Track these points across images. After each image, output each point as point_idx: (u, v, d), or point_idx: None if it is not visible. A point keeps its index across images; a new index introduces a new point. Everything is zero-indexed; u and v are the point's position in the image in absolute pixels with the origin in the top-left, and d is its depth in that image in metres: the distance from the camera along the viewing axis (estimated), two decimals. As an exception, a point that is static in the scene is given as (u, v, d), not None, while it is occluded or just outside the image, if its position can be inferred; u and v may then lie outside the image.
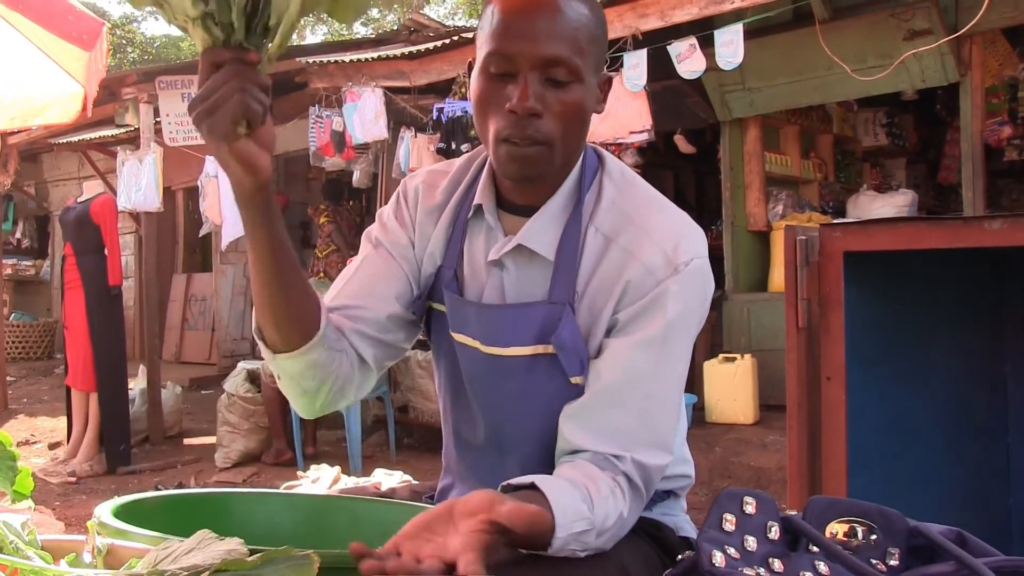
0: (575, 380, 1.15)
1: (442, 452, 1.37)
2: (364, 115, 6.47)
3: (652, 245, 1.14)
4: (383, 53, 6.72)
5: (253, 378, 5.72)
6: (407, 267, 1.27)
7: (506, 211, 1.23)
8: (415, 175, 1.34)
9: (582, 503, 1.02)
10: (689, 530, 1.30)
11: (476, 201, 1.23)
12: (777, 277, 6.23)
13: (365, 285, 1.25)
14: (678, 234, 1.16)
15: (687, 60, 5.14)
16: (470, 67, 1.21)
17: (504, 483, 1.03)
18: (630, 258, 1.14)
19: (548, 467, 1.15)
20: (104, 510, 1.01)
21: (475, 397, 1.24)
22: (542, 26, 1.10)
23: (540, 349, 1.16)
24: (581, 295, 1.16)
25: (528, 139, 1.11)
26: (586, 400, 1.13)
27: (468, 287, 1.24)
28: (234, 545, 0.82)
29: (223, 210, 6.84)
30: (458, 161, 1.32)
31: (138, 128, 6.94)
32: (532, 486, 1.00)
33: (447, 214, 1.27)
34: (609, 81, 1.21)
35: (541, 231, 1.18)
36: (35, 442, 6.61)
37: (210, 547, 0.83)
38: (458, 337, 1.24)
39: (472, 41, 1.13)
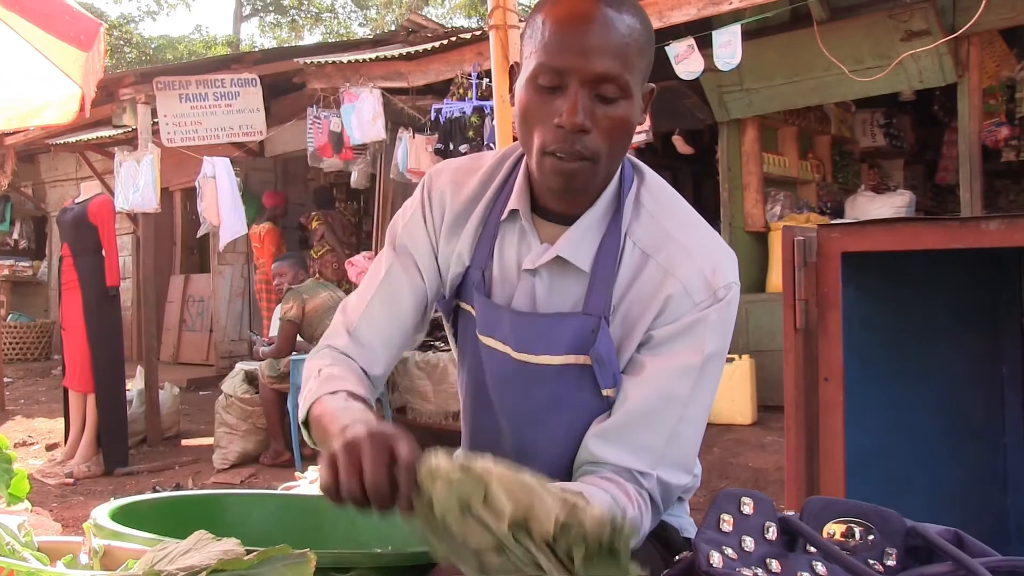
0: (607, 392, 1.15)
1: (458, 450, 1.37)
2: (362, 116, 6.47)
3: (691, 265, 1.15)
4: (381, 54, 6.72)
5: (251, 379, 5.72)
6: (426, 274, 1.28)
7: (541, 217, 1.22)
8: (441, 172, 1.31)
9: (616, 509, 1.04)
10: (692, 532, 1.31)
11: (512, 206, 1.21)
12: (775, 278, 6.23)
13: (383, 322, 1.27)
14: (716, 257, 1.17)
15: (685, 61, 5.14)
16: (512, 72, 1.20)
17: None
18: (668, 276, 1.15)
19: (567, 474, 1.15)
20: (101, 512, 1.01)
21: (500, 400, 1.24)
22: (594, 41, 1.08)
23: (571, 359, 1.16)
24: (616, 308, 1.16)
25: (575, 154, 1.10)
26: (617, 420, 1.13)
27: (497, 290, 1.23)
28: (231, 546, 0.82)
29: (221, 211, 6.83)
30: (488, 158, 1.30)
31: (136, 129, 6.94)
32: None
33: (477, 214, 1.25)
34: (652, 92, 1.19)
35: (579, 243, 1.18)
36: (32, 443, 6.60)
37: (207, 547, 0.83)
38: (486, 340, 1.23)
39: (469, 41, 1.12)
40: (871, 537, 1.02)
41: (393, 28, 11.48)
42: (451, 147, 6.05)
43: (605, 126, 1.10)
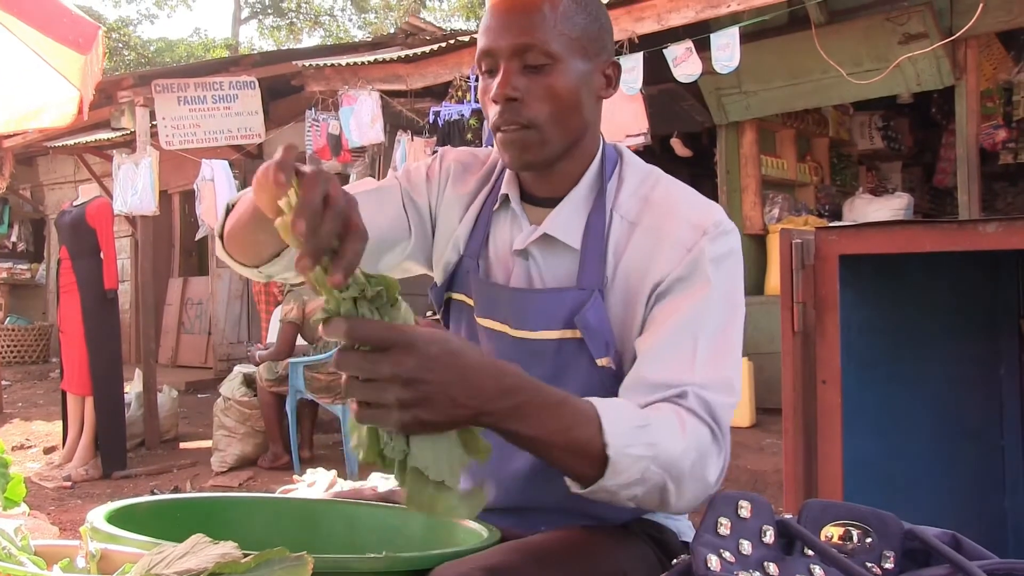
0: (601, 362, 1.17)
1: None
2: (360, 118, 6.48)
3: (675, 219, 1.18)
4: (379, 56, 6.73)
5: (249, 382, 5.71)
6: (412, 218, 1.30)
7: (530, 203, 1.27)
8: (453, 150, 1.37)
9: (630, 407, 1.02)
10: (690, 535, 1.30)
11: (502, 191, 1.27)
12: (774, 280, 6.23)
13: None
14: (699, 206, 1.20)
15: (683, 63, 5.15)
16: None
17: None
18: (657, 234, 1.17)
19: None
20: (97, 515, 1.00)
21: None
22: (515, 18, 1.16)
23: (568, 333, 1.19)
24: (611, 280, 1.18)
25: (512, 123, 1.16)
26: (637, 366, 1.11)
27: (493, 275, 1.27)
28: (228, 549, 0.82)
29: (219, 213, 6.83)
30: (493, 152, 1.35)
31: (134, 131, 6.94)
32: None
33: (475, 204, 1.30)
34: (616, 65, 1.24)
35: (566, 221, 1.22)
36: (30, 446, 6.60)
37: (204, 551, 0.82)
38: (484, 322, 1.26)
39: (468, 44, 1.15)
40: (869, 540, 1.02)
41: (392, 31, 11.49)
42: (449, 150, 6.05)
43: (539, 94, 1.16)
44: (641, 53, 5.22)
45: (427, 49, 6.40)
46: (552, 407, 0.93)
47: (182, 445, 6.44)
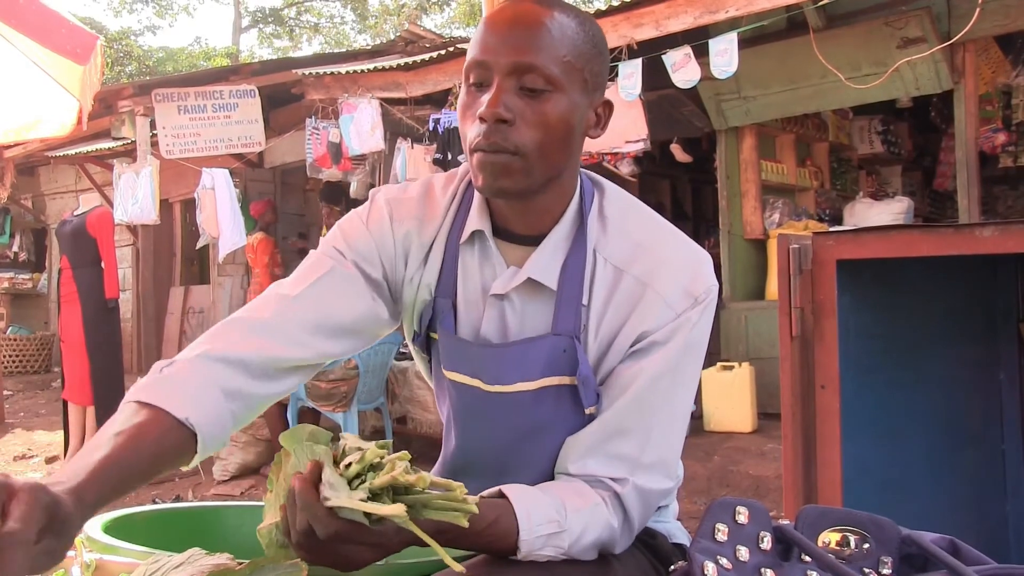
0: (589, 411, 1.13)
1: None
2: (360, 126, 6.49)
3: (669, 276, 1.12)
4: (379, 64, 6.74)
5: (250, 390, 5.70)
6: (373, 286, 1.19)
7: (502, 239, 1.17)
8: (386, 189, 1.24)
9: (551, 509, 1.03)
10: (680, 536, 1.29)
11: (473, 227, 1.16)
12: (773, 285, 6.21)
13: (315, 315, 1.16)
14: (692, 264, 1.14)
15: (682, 69, 5.15)
16: None
17: None
18: (647, 288, 1.11)
19: None
20: (94, 525, 1.00)
21: (475, 430, 1.20)
22: (518, 34, 1.07)
23: (546, 381, 1.13)
24: (596, 327, 1.13)
25: (495, 146, 1.06)
26: (592, 431, 1.11)
27: (462, 319, 1.18)
28: (223, 560, 0.82)
29: (220, 222, 6.85)
30: (437, 181, 1.24)
31: (135, 141, 6.96)
32: (500, 495, 1.03)
33: (440, 241, 1.20)
34: (608, 105, 1.16)
35: (549, 262, 1.14)
36: (32, 456, 6.59)
37: (199, 561, 0.82)
38: (451, 375, 1.19)
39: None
40: (866, 546, 1.02)
41: (391, 38, 11.51)
42: (450, 157, 6.06)
43: (531, 120, 1.06)
44: (640, 59, 5.23)
45: (427, 56, 6.41)
46: (471, 533, 0.96)
47: (184, 454, 6.43)
